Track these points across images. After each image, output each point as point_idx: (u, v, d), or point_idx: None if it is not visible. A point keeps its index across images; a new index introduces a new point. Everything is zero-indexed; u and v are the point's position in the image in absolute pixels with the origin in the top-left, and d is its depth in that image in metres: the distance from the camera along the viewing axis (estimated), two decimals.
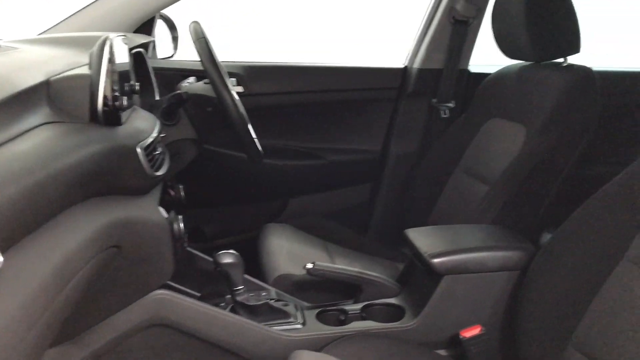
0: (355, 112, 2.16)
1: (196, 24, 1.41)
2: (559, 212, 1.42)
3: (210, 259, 1.40)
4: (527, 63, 1.78)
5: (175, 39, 1.89)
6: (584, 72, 1.61)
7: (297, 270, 1.48)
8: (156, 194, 1.18)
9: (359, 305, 1.40)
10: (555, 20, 1.63)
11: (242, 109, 1.38)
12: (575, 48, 1.64)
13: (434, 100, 2.15)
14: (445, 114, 2.15)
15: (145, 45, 1.54)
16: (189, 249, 1.49)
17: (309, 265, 1.39)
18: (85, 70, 0.91)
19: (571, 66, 1.66)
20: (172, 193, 1.35)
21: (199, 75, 1.73)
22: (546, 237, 1.68)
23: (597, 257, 1.10)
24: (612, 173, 1.16)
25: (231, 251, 1.31)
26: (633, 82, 2.38)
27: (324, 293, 1.47)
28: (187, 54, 1.76)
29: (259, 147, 1.44)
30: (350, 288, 1.45)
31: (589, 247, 1.12)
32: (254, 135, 1.42)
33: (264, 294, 1.35)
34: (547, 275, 1.18)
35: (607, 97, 1.62)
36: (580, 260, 1.13)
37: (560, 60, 1.68)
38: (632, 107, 2.22)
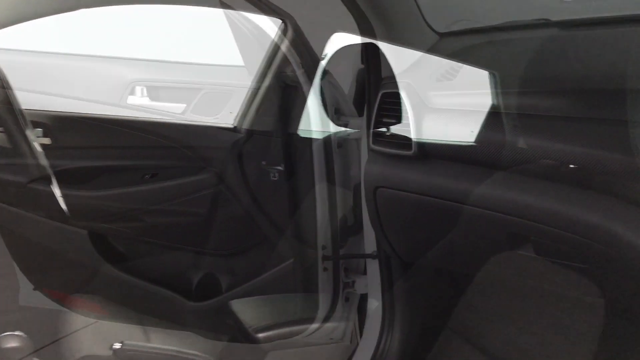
0: (181, 171, 2.04)
1: None
2: None
3: None
4: None
5: None
6: None
7: (102, 351, 1.31)
8: None
9: None
10: None
11: None
12: None
13: (264, 162, 2.12)
14: (274, 177, 2.11)
15: None
16: None
17: (117, 345, 1.24)
18: None
19: None
20: None
21: None
22: (373, 303, 1.68)
23: (423, 327, 1.10)
24: None
25: (17, 333, 1.11)
26: None
27: None
28: None
29: (64, 207, 1.29)
30: None
31: (415, 315, 1.12)
32: (58, 193, 1.26)
33: None
34: (375, 345, 1.15)
35: None
36: (408, 330, 1.11)
37: None
38: None
